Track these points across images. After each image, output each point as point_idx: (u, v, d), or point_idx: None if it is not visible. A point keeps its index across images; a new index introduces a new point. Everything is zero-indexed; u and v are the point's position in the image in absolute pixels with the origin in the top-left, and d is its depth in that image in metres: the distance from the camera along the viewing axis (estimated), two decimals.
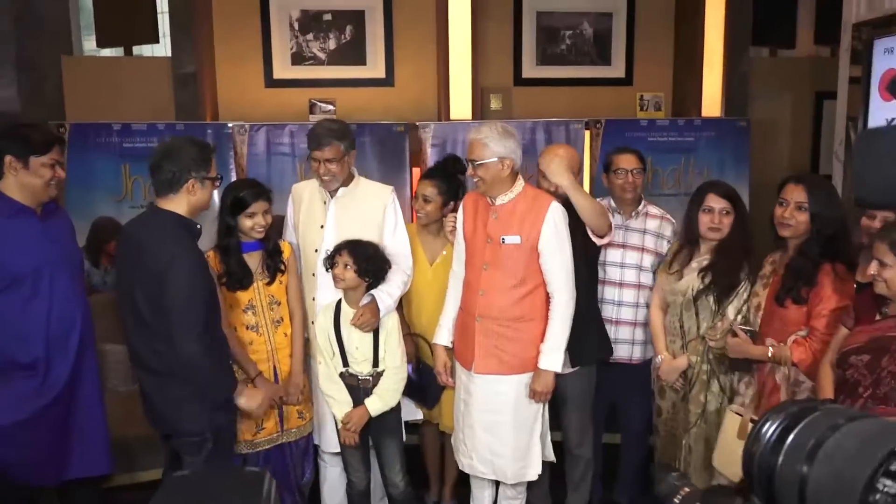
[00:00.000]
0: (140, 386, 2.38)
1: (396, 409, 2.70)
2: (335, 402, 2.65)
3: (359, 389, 2.63)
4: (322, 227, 2.75)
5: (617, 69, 5.01)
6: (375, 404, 2.61)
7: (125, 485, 3.05)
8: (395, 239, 2.74)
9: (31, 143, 2.36)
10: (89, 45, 5.33)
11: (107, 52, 5.21)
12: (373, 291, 2.60)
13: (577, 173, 2.89)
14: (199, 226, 2.37)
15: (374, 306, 2.59)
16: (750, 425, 2.30)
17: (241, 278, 2.62)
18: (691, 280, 2.67)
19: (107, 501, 2.76)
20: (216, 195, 2.59)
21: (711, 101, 4.78)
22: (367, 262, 2.55)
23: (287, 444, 2.76)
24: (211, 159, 2.35)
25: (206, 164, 2.31)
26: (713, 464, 2.49)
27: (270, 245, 2.68)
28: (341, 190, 2.75)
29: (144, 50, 5.50)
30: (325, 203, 2.77)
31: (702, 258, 2.70)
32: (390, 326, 2.63)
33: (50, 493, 2.63)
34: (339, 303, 2.65)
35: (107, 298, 3.13)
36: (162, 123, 4.21)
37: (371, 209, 2.75)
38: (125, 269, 2.33)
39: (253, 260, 2.67)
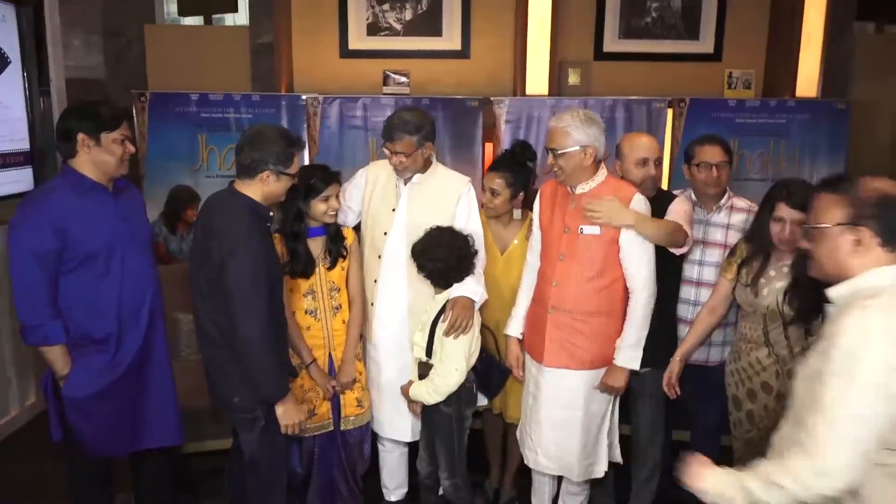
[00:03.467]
0: (201, 356, 2.46)
1: (447, 415, 2.58)
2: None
3: (423, 367, 2.60)
4: (394, 210, 2.70)
5: (705, 44, 4.73)
6: (417, 387, 2.55)
7: (194, 453, 3.14)
8: (467, 231, 2.65)
9: (101, 120, 2.36)
10: (172, 13, 5.41)
11: (189, 21, 5.27)
12: (460, 290, 2.52)
13: (659, 162, 2.72)
14: (271, 212, 2.38)
15: (464, 301, 2.50)
16: None
17: (306, 265, 2.61)
18: (773, 292, 2.46)
19: (177, 470, 2.83)
20: None
21: (807, 81, 4.47)
22: (432, 273, 2.52)
23: (343, 432, 2.75)
24: (293, 156, 2.33)
25: (286, 160, 2.30)
26: None
27: (332, 230, 2.66)
28: (416, 176, 2.69)
29: (224, 20, 5.55)
30: (397, 186, 2.72)
31: (781, 265, 2.47)
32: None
33: (122, 462, 2.72)
34: None
35: (182, 268, 3.19)
36: (238, 94, 4.23)
37: (445, 199, 2.68)
38: (197, 242, 2.38)
39: (316, 245, 2.65)
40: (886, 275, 1.53)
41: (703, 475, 1.62)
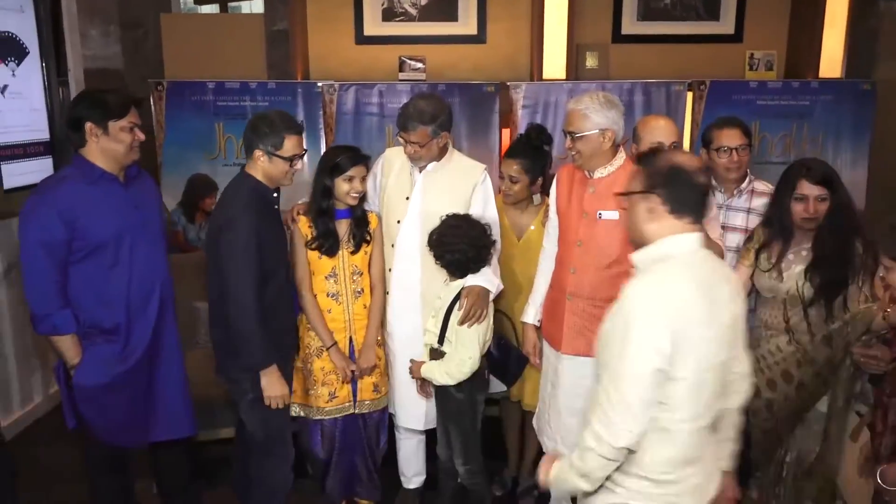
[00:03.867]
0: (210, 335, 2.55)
1: (456, 398, 2.56)
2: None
3: (435, 353, 2.59)
4: (407, 198, 2.68)
5: (726, 25, 4.66)
6: (429, 367, 2.54)
7: (208, 441, 3.16)
8: (483, 219, 2.62)
9: (108, 108, 2.34)
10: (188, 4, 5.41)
11: (205, 10, 5.28)
12: (476, 279, 2.49)
13: (676, 146, 2.67)
14: (275, 194, 2.45)
15: (478, 290, 2.47)
16: (865, 429, 2.12)
17: (331, 243, 2.62)
18: (795, 276, 2.42)
19: (193, 460, 2.84)
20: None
21: (831, 61, 4.39)
22: (450, 265, 2.50)
23: (361, 415, 2.77)
24: (284, 138, 2.39)
25: (277, 141, 2.38)
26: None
27: (358, 213, 2.66)
28: (432, 165, 2.65)
29: (240, 8, 5.55)
30: (411, 174, 2.69)
31: (800, 249, 2.44)
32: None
33: (139, 455, 2.72)
34: None
35: (199, 256, 3.20)
36: (254, 82, 4.23)
37: (460, 187, 2.64)
38: (209, 226, 2.51)
39: (341, 227, 2.64)
40: (675, 242, 1.62)
41: (546, 470, 1.72)
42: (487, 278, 2.50)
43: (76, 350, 2.38)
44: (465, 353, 2.48)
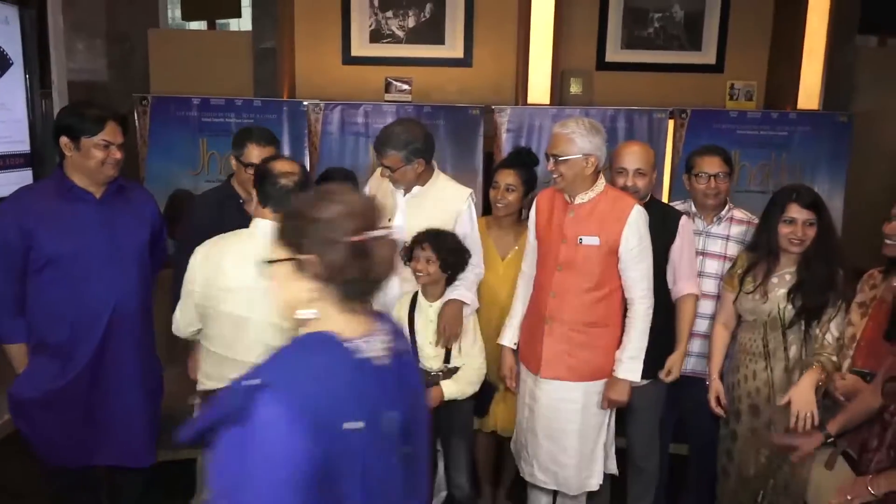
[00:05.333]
0: None
1: (468, 411, 2.64)
2: None
3: (429, 384, 2.58)
4: (389, 220, 2.68)
5: (707, 55, 4.74)
6: (451, 387, 2.53)
7: (187, 459, 3.10)
8: (466, 242, 2.62)
9: (82, 123, 2.30)
10: (175, 17, 5.42)
11: (193, 26, 5.28)
12: (452, 294, 2.53)
13: (653, 170, 2.68)
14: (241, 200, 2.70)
15: (453, 310, 2.52)
16: (839, 458, 2.14)
17: None
18: (777, 299, 2.47)
19: (150, 484, 2.72)
20: None
21: (809, 93, 4.47)
22: (449, 254, 2.48)
23: None
24: (244, 144, 2.66)
25: (238, 147, 2.69)
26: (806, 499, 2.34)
27: None
28: (416, 188, 2.65)
29: (228, 25, 5.56)
30: (395, 198, 2.69)
31: (783, 272, 2.49)
32: (466, 325, 2.56)
33: (100, 475, 2.65)
34: (415, 295, 2.60)
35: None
36: (240, 99, 4.24)
37: (444, 211, 2.63)
38: None
39: None
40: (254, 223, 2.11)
41: None
42: (460, 292, 2.54)
43: (22, 361, 2.36)
44: (477, 361, 2.57)
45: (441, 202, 2.65)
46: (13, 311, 2.33)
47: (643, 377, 2.50)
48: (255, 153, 2.60)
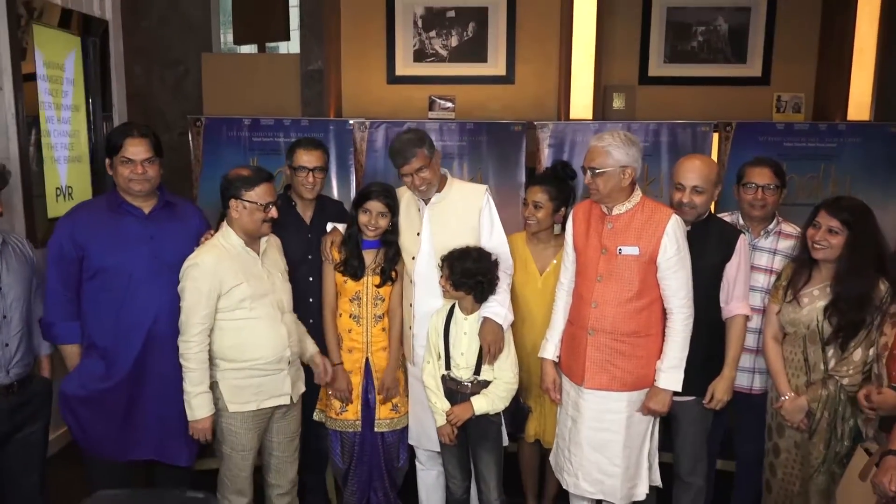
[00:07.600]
0: None
1: (497, 423, 2.65)
2: (435, 398, 2.66)
3: (457, 394, 2.62)
4: (418, 234, 2.75)
5: (753, 67, 4.70)
6: (481, 402, 2.58)
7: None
8: (492, 241, 2.69)
9: (108, 142, 2.57)
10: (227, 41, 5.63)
11: (244, 50, 5.48)
12: (485, 311, 2.59)
13: (715, 186, 2.59)
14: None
15: (492, 327, 2.58)
16: (874, 468, 2.09)
17: (356, 269, 2.75)
18: (814, 311, 2.43)
19: (193, 482, 2.78)
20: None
21: (859, 104, 4.38)
22: (463, 275, 2.54)
23: (382, 434, 2.84)
24: (294, 151, 2.83)
25: (289, 157, 2.85)
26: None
27: (391, 251, 2.78)
28: (435, 196, 2.73)
29: (277, 48, 5.75)
30: (419, 210, 2.76)
31: (821, 285, 2.46)
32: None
33: (139, 469, 2.85)
34: (452, 306, 2.65)
35: None
36: (288, 119, 4.37)
37: (466, 213, 2.71)
38: None
39: (368, 256, 2.78)
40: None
41: None
42: (494, 310, 2.59)
43: (74, 361, 2.60)
44: (508, 374, 2.60)
45: (461, 202, 2.74)
46: (70, 314, 2.56)
47: (691, 393, 2.48)
48: (304, 158, 2.84)
